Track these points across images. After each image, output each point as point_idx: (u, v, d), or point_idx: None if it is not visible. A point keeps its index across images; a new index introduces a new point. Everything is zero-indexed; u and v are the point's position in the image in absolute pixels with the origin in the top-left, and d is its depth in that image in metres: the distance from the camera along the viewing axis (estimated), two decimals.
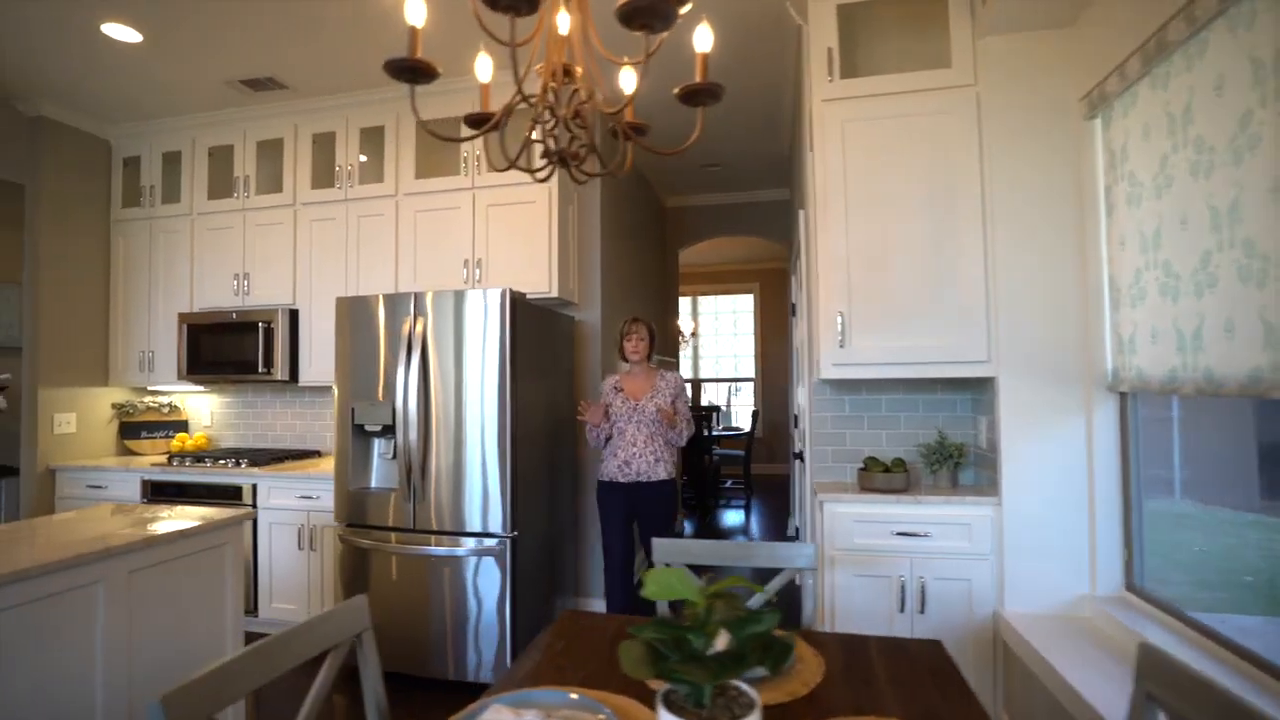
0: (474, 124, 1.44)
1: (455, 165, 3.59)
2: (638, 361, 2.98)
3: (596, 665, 1.35)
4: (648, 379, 2.97)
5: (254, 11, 2.88)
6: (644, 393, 2.93)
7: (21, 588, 1.63)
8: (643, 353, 2.98)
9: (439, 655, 2.83)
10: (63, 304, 3.86)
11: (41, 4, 2.80)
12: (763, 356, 8.97)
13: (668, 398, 2.94)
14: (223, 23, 2.96)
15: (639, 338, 2.97)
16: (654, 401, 2.89)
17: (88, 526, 2.07)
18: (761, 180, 5.30)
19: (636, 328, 2.98)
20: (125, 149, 4.12)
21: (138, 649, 1.91)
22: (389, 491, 2.91)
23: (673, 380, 2.99)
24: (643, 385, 2.96)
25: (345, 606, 1.27)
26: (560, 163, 1.34)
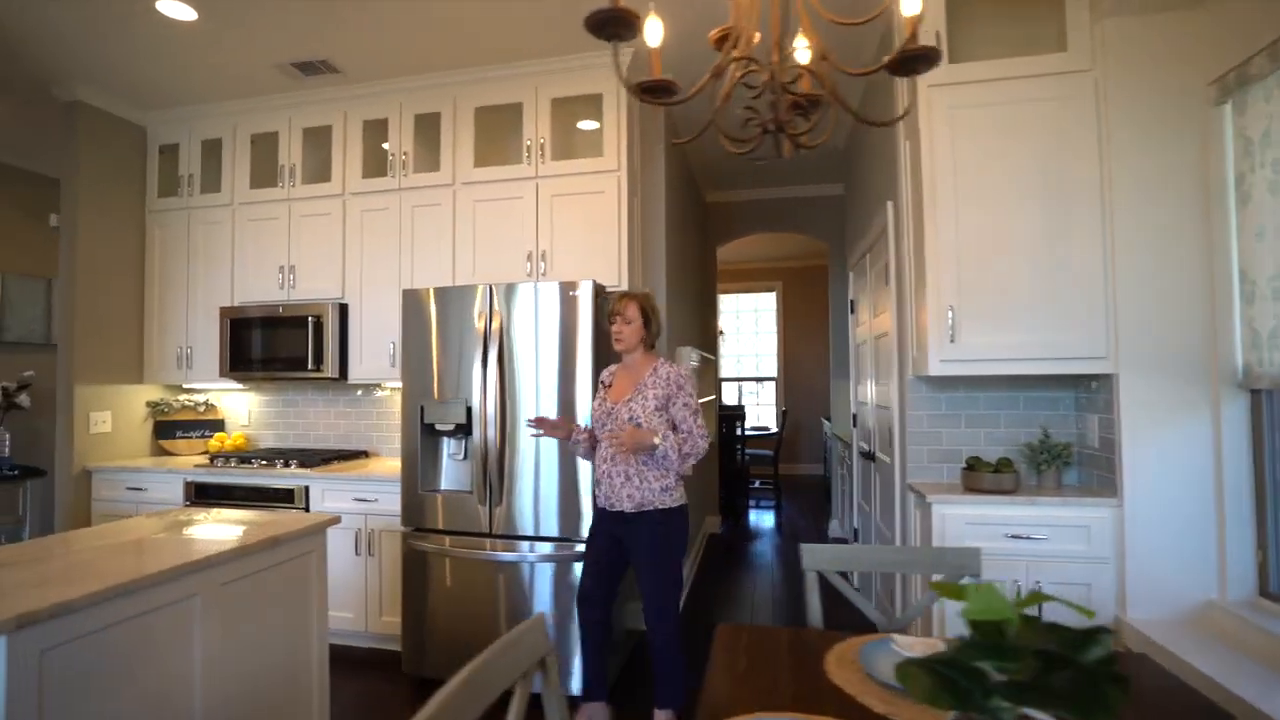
0: (650, 91, 1.31)
1: (517, 154, 3.45)
2: (625, 350, 2.32)
3: (797, 686, 1.23)
4: (637, 373, 2.30)
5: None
6: (629, 391, 2.26)
7: (131, 600, 1.49)
8: (629, 339, 2.28)
9: None
10: (97, 298, 3.70)
11: None
12: (785, 356, 8.87)
13: (651, 401, 2.21)
14: (274, 4, 2.82)
15: (623, 320, 2.28)
16: (630, 406, 2.22)
17: (166, 535, 1.93)
18: (809, 175, 5.19)
19: (621, 305, 2.29)
20: (162, 136, 3.96)
21: (231, 662, 1.78)
22: (462, 494, 2.78)
23: (668, 375, 2.25)
24: (629, 382, 2.29)
25: (530, 628, 1.15)
26: (775, 131, 1.21)
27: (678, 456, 2.19)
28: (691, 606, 3.81)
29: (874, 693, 1.19)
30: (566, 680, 2.64)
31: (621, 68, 1.14)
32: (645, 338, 2.32)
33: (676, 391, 2.24)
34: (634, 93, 1.30)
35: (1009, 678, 0.85)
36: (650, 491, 2.23)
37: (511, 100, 3.37)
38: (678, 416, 2.24)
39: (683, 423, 2.24)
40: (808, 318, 8.78)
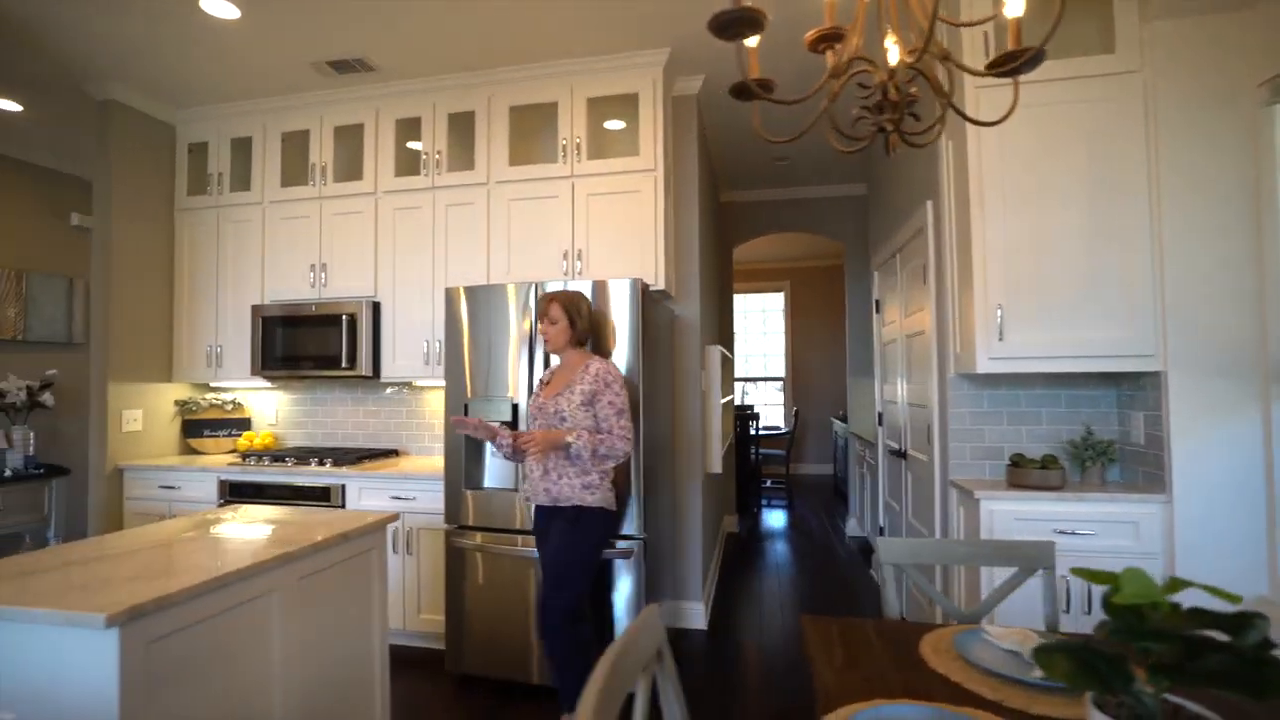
0: (745, 91, 1.33)
1: (552, 153, 3.47)
2: (554, 351, 2.41)
3: (904, 675, 1.25)
4: (569, 372, 2.39)
5: None
6: (560, 388, 2.35)
7: (221, 595, 1.50)
8: (556, 340, 2.38)
9: None
10: (126, 297, 3.69)
11: None
12: (793, 356, 8.91)
13: (577, 396, 2.27)
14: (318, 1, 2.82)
15: (548, 321, 2.37)
16: (558, 402, 2.30)
17: (230, 532, 1.94)
18: (829, 175, 5.22)
19: (546, 306, 2.37)
20: (191, 134, 3.96)
21: (306, 656, 1.79)
22: (506, 491, 2.79)
23: (597, 372, 2.30)
24: (563, 379, 2.39)
25: (650, 617, 1.16)
26: (892, 131, 1.23)
27: (590, 455, 2.25)
28: (720, 604, 3.83)
29: (980, 681, 1.22)
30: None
31: (746, 66, 1.16)
32: (572, 337, 2.39)
33: (603, 389, 2.30)
34: (714, 28, 1.25)
35: (1154, 660, 0.88)
36: (569, 487, 2.29)
37: (547, 99, 3.38)
38: (601, 414, 2.29)
39: (604, 420, 2.29)
40: (816, 318, 8.82)
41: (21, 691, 1.31)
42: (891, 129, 1.22)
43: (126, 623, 1.27)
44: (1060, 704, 1.13)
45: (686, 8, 2.90)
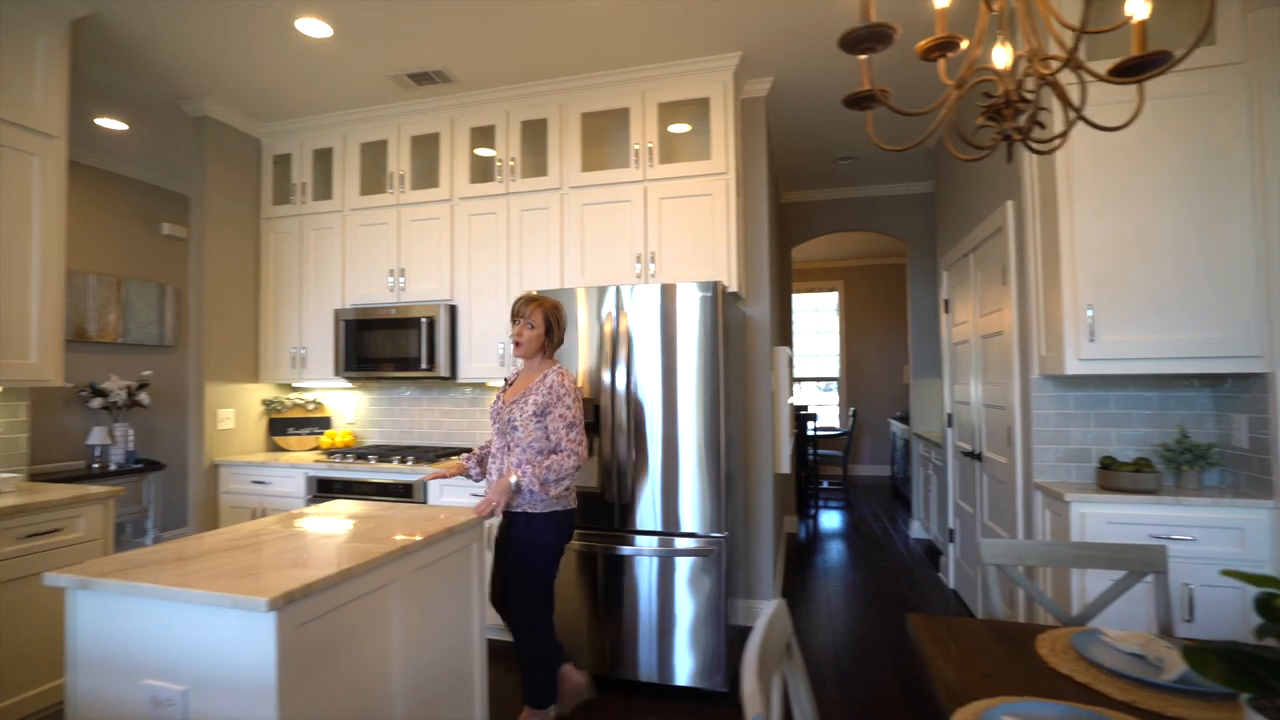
0: (853, 104, 1.36)
1: (624, 158, 3.53)
2: (524, 356, 2.39)
3: (1026, 674, 1.27)
4: (529, 377, 2.39)
5: (440, 1, 2.83)
6: (518, 396, 2.34)
7: (354, 584, 1.60)
8: (529, 345, 2.35)
9: (640, 657, 2.77)
10: (219, 302, 3.90)
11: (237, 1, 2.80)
12: (847, 356, 8.81)
13: (530, 407, 2.27)
14: (410, 13, 2.93)
15: (525, 324, 2.34)
16: (515, 408, 2.30)
17: (348, 525, 2.04)
18: (892, 174, 5.17)
19: (526, 310, 2.35)
20: (275, 146, 4.15)
21: (420, 643, 1.88)
22: (588, 490, 2.86)
23: (552, 384, 2.30)
24: (523, 386, 2.38)
25: (781, 611, 1.20)
26: (1019, 140, 1.24)
27: (540, 486, 2.24)
28: (789, 603, 3.84)
29: (1107, 682, 1.22)
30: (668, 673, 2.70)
31: (876, 79, 1.18)
32: (546, 345, 2.39)
33: (555, 402, 2.29)
34: (845, 45, 1.28)
35: None
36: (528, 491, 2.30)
37: (618, 106, 3.45)
38: (552, 427, 2.29)
39: (554, 433, 2.29)
40: (872, 317, 8.71)
41: (190, 665, 1.42)
42: (1019, 137, 1.23)
43: (283, 607, 1.37)
44: (1195, 706, 1.13)
45: (759, 11, 2.92)
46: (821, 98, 3.77)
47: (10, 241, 2.59)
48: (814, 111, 3.97)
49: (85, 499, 2.56)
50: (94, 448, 4.41)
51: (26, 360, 2.64)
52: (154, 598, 1.44)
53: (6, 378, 2.58)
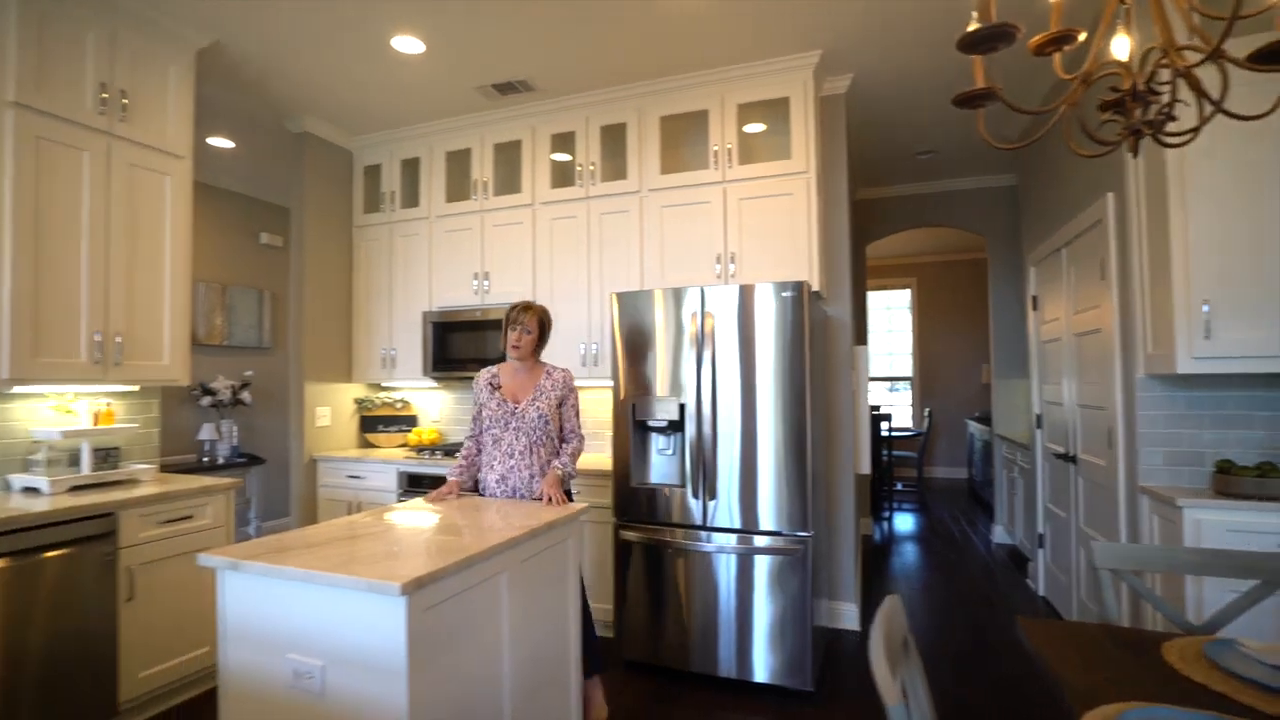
0: (965, 103, 1.35)
1: (703, 159, 3.57)
2: (520, 358, 2.55)
3: (1157, 682, 1.23)
4: (530, 378, 2.56)
5: (527, 14, 2.93)
6: (525, 395, 2.52)
7: (470, 573, 1.69)
8: (526, 348, 2.53)
9: (721, 653, 2.80)
10: (315, 306, 4.14)
11: (336, 21, 2.97)
12: (921, 354, 8.57)
13: (552, 400, 2.52)
14: (498, 26, 3.04)
15: (523, 330, 2.51)
16: (535, 406, 2.50)
17: (452, 519, 2.15)
18: (971, 167, 5.02)
19: (524, 317, 2.51)
20: (366, 158, 4.38)
21: (524, 633, 1.96)
22: (672, 488, 2.91)
23: (561, 379, 2.56)
24: (524, 385, 2.55)
25: (895, 606, 1.21)
26: (1148, 135, 1.22)
27: (574, 466, 2.56)
28: (869, 606, 3.79)
29: (1249, 693, 1.18)
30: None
31: (990, 77, 1.18)
32: (539, 348, 2.60)
33: (568, 394, 2.59)
34: (963, 46, 1.28)
35: None
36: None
37: (697, 108, 3.48)
38: (565, 415, 2.59)
39: (568, 421, 2.60)
40: (947, 315, 8.45)
41: (327, 642, 1.54)
42: (1149, 131, 1.20)
43: (413, 592, 1.47)
44: None
45: (841, 9, 2.90)
46: (903, 92, 3.70)
47: (147, 254, 2.83)
48: (894, 106, 3.90)
49: (212, 489, 2.78)
50: (204, 442, 4.75)
51: (160, 362, 2.88)
52: (296, 579, 1.56)
53: (144, 378, 2.82)
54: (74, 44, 2.59)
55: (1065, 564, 3.51)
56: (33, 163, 2.45)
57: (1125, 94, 1.19)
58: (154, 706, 2.61)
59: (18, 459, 2.64)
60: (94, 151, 2.64)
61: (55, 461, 2.66)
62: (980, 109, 1.38)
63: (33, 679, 2.20)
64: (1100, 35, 1.24)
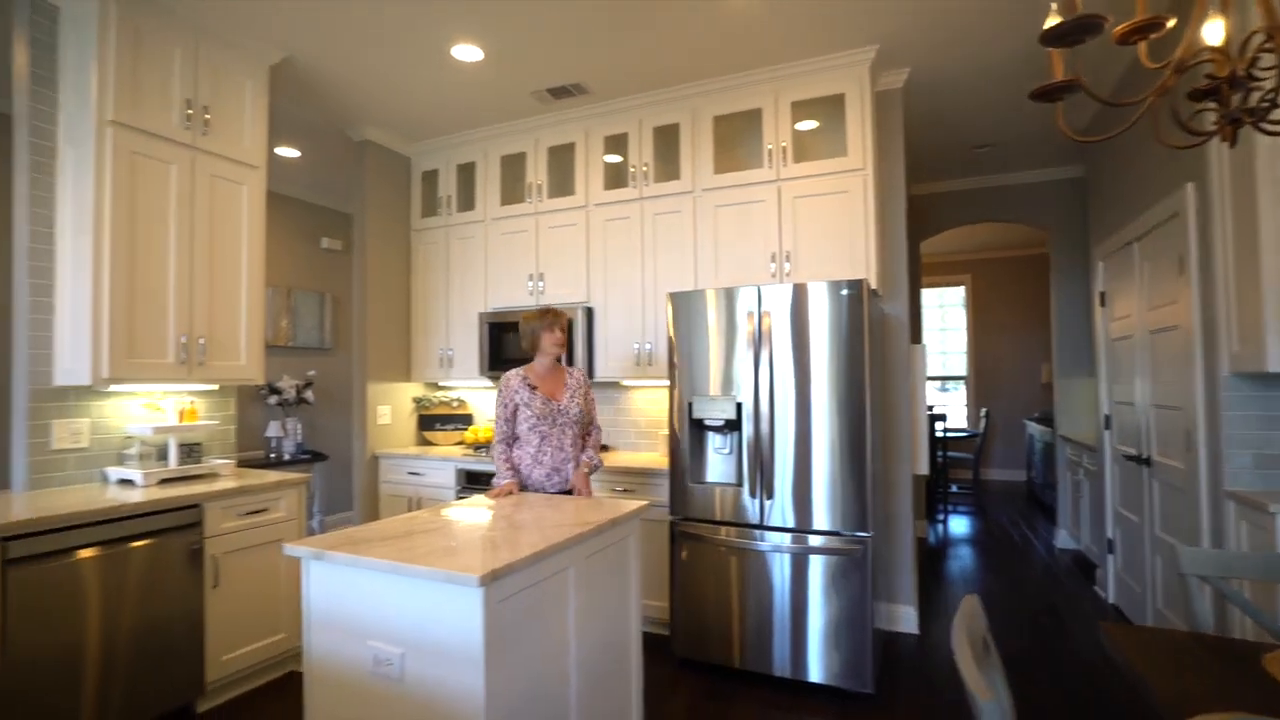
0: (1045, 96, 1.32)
1: (756, 158, 3.56)
2: (557, 357, 2.76)
3: (1258, 693, 1.19)
4: (558, 377, 2.76)
5: (582, 19, 2.97)
6: (561, 392, 2.72)
7: (538, 567, 1.74)
8: (563, 347, 2.76)
9: (775, 652, 2.79)
10: (376, 308, 4.27)
11: (399, 33, 3.06)
12: (976, 353, 8.34)
13: (579, 396, 2.76)
14: (554, 32, 3.09)
15: (562, 333, 2.74)
16: (574, 402, 2.73)
17: (518, 515, 2.20)
18: (1033, 160, 4.87)
19: (560, 321, 2.74)
20: (423, 163, 4.50)
21: (588, 627, 2.00)
22: (729, 487, 2.91)
23: (580, 377, 2.81)
24: (556, 384, 2.75)
25: (974, 607, 1.20)
26: (1249, 125, 1.18)
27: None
28: (926, 609, 3.71)
29: None
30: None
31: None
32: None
33: (588, 389, 2.84)
34: (1035, 96, 1.31)
35: None
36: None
37: (751, 107, 3.47)
38: (588, 408, 2.82)
39: (589, 413, 2.85)
40: (1003, 312, 8.20)
41: (405, 631, 1.60)
42: (1249, 120, 1.16)
43: (489, 584, 1.52)
44: None
45: (896, 5, 2.85)
46: (962, 85, 3.62)
47: (225, 260, 2.98)
48: (952, 100, 3.82)
49: (286, 484, 2.91)
50: (270, 439, 4.96)
51: (238, 362, 3.03)
52: (377, 569, 1.63)
53: (223, 378, 2.97)
54: (164, 63, 2.74)
55: (1138, 571, 3.38)
56: (128, 177, 2.60)
57: (1223, 81, 1.15)
58: (235, 688, 2.74)
59: (113, 452, 2.81)
60: (180, 164, 2.79)
61: (146, 456, 2.82)
62: (1059, 101, 1.36)
63: (129, 659, 2.34)
64: (1194, 21, 1.20)
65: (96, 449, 2.76)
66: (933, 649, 3.21)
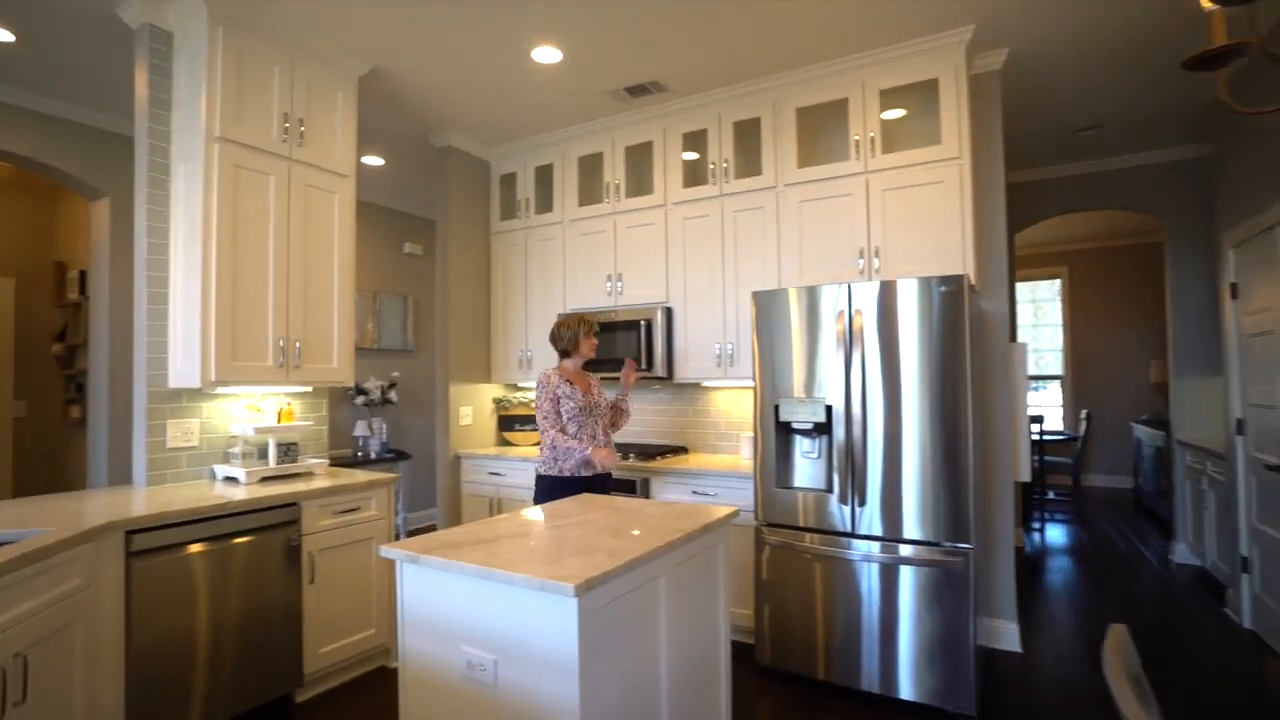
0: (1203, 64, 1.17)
1: (843, 150, 3.42)
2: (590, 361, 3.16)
3: None
4: (584, 375, 3.14)
5: (662, 16, 2.91)
6: (590, 387, 3.10)
7: (631, 576, 1.69)
8: (595, 352, 3.14)
9: (864, 665, 2.66)
10: (458, 311, 4.36)
11: (481, 39, 3.09)
12: (1073, 351, 7.81)
13: (603, 391, 3.20)
14: (633, 30, 3.04)
15: (596, 336, 3.10)
16: (603, 396, 3.15)
17: (612, 519, 2.17)
18: (1147, 141, 4.49)
19: (594, 327, 3.10)
20: (502, 167, 4.56)
21: (679, 637, 1.94)
22: (818, 492, 2.80)
23: (595, 378, 3.27)
24: (585, 380, 3.11)
25: (1124, 641, 1.07)
26: None
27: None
28: (1027, 625, 3.47)
29: None
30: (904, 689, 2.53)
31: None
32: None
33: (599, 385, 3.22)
34: (1191, 64, 1.16)
35: None
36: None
37: (835, 97, 3.33)
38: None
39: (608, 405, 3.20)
40: (1105, 307, 7.65)
41: (498, 637, 1.59)
42: None
43: (584, 593, 1.48)
44: None
45: None
46: (1067, 63, 3.36)
47: (319, 267, 3.10)
48: (1055, 80, 3.55)
49: (377, 484, 2.99)
50: (358, 438, 5.15)
51: (330, 365, 3.14)
52: (471, 575, 1.63)
53: (317, 380, 3.09)
54: (264, 80, 2.87)
55: (1279, 592, 3.05)
56: (232, 189, 2.73)
57: None
58: (330, 680, 2.84)
59: (219, 451, 2.96)
60: (278, 175, 2.91)
61: (248, 454, 2.96)
62: (1222, 69, 1.20)
63: (235, 650, 2.45)
64: None
65: (205, 448, 2.91)
66: (1038, 669, 2.99)
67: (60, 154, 3.72)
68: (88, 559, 2.05)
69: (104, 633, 2.12)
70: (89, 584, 2.05)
